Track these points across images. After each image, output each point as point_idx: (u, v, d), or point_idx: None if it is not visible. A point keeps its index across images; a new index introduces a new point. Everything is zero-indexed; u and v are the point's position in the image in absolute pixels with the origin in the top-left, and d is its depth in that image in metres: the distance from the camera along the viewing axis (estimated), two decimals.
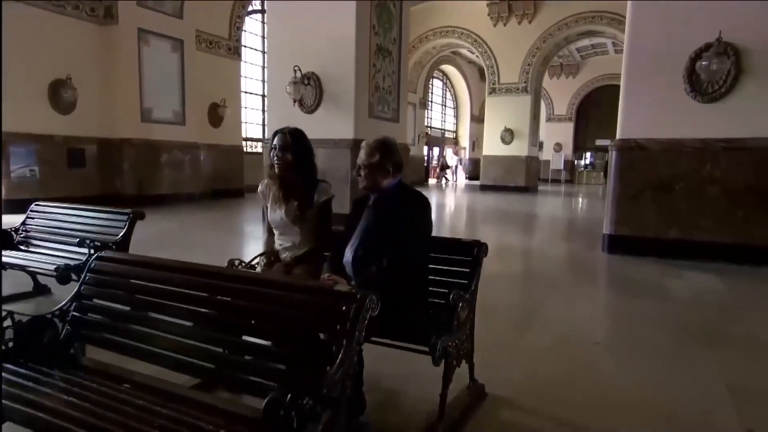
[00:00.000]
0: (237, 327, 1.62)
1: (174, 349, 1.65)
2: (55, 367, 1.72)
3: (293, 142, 2.51)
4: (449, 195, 17.92)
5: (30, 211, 3.91)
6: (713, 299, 4.21)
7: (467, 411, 2.19)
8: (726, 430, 2.17)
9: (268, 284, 1.62)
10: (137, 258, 1.91)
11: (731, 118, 5.65)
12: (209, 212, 10.06)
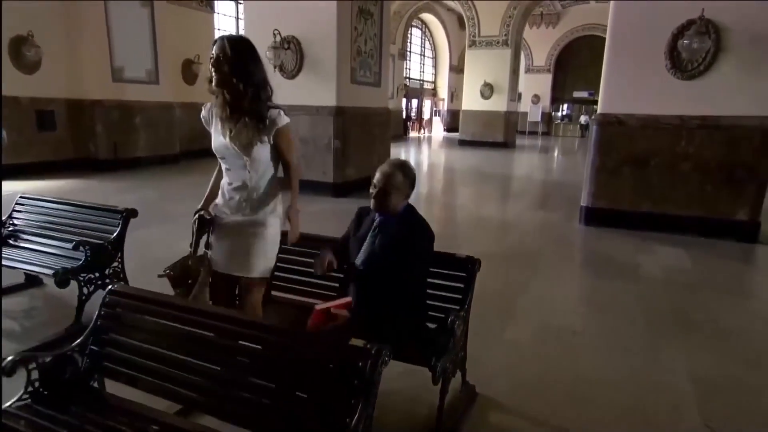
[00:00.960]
0: (250, 372, 1.72)
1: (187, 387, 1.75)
2: (77, 401, 1.82)
3: (232, 52, 2.08)
4: (426, 152, 17.85)
5: (16, 204, 3.84)
6: (681, 280, 4.47)
7: (461, 415, 2.38)
8: (688, 426, 2.42)
9: (284, 334, 1.72)
10: (149, 295, 1.96)
11: (708, 95, 5.78)
12: (188, 176, 9.92)
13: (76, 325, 3.15)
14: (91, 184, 8.62)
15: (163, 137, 11.13)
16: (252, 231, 2.23)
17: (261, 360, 1.71)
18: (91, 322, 3.22)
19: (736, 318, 3.66)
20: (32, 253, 3.49)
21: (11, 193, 7.37)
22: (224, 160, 2.27)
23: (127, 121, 10.20)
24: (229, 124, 2.15)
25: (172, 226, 5.92)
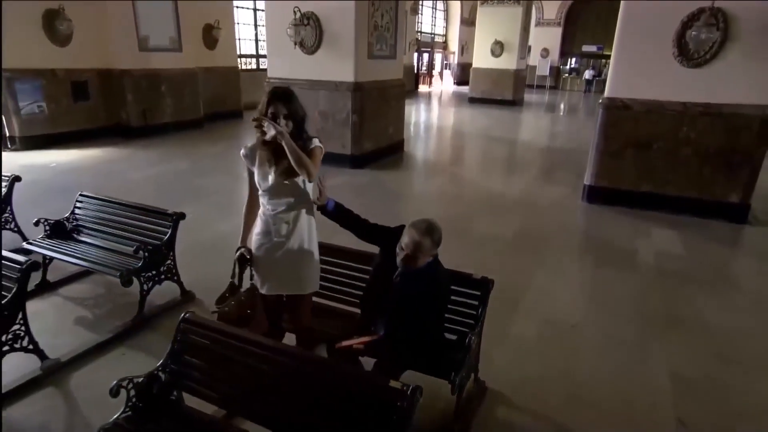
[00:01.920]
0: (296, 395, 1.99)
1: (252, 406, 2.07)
2: (163, 411, 2.14)
3: (286, 110, 2.27)
4: (436, 112, 17.63)
5: (77, 201, 4.07)
6: (673, 268, 4.67)
7: (474, 409, 2.70)
8: (663, 422, 2.72)
9: (336, 371, 1.99)
10: (214, 325, 2.22)
11: (712, 83, 5.76)
12: (212, 144, 10.06)
13: (139, 316, 3.49)
14: (125, 153, 8.81)
15: (188, 103, 11.17)
16: (299, 255, 2.44)
17: (309, 389, 1.98)
18: (150, 313, 3.58)
19: (718, 312, 3.88)
20: (94, 249, 3.77)
21: (54, 163, 7.70)
22: (269, 191, 2.37)
23: (154, 89, 10.24)
24: (275, 163, 2.32)
25: (205, 206, 6.11)
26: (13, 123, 8.27)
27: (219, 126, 12.13)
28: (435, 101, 21.82)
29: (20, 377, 2.81)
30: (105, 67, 9.52)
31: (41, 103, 8.57)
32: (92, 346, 3.17)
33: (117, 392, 2.04)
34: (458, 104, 19.66)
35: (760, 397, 2.95)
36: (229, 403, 2.27)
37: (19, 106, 8.26)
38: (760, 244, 5.50)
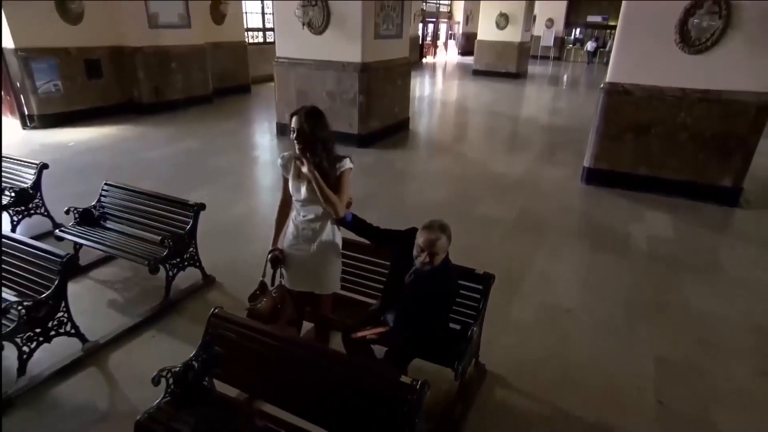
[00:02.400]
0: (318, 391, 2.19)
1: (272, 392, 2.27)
2: (197, 395, 2.36)
3: (308, 128, 2.38)
4: (440, 86, 17.42)
5: (102, 190, 4.21)
6: (663, 253, 4.82)
7: (475, 392, 2.92)
8: (645, 403, 2.93)
9: (350, 366, 2.18)
10: (240, 320, 2.40)
11: (711, 70, 5.76)
12: (222, 120, 10.10)
13: (165, 301, 3.69)
14: (138, 131, 8.87)
15: (197, 79, 11.13)
16: (323, 259, 2.59)
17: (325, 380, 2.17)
18: (175, 298, 3.77)
19: (702, 298, 4.05)
20: (121, 237, 3.94)
21: (72, 142, 7.80)
22: (301, 201, 2.52)
23: (164, 65, 10.19)
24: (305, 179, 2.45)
25: (220, 188, 6.23)
26: (31, 102, 8.33)
27: (228, 101, 12.12)
28: (439, 73, 21.54)
29: (65, 358, 3.03)
30: (116, 44, 9.47)
31: (57, 82, 8.59)
32: (125, 329, 3.38)
33: (158, 381, 2.25)
34: (462, 77, 19.42)
35: (733, 379, 3.15)
36: (252, 389, 2.49)
37: (36, 86, 8.29)
38: (747, 228, 5.61)
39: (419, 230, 2.43)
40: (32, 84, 8.24)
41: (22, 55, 7.98)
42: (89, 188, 5.88)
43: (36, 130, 8.44)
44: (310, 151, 2.40)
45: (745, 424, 2.82)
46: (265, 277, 2.67)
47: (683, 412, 2.87)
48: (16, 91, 8.16)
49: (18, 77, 8.09)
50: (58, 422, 2.64)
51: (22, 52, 7.99)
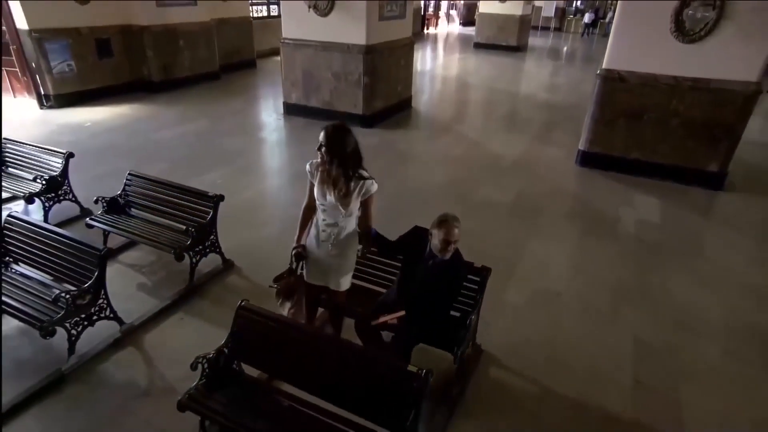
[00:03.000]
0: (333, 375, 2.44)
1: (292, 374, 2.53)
2: (228, 378, 2.61)
3: (332, 143, 2.54)
4: (441, 60, 17.16)
5: (127, 180, 4.37)
6: (649, 238, 5.02)
7: (471, 372, 3.18)
8: (623, 381, 3.20)
9: (363, 355, 2.42)
10: (264, 312, 2.62)
11: (703, 59, 5.81)
12: (230, 97, 10.12)
13: (190, 285, 3.93)
14: (150, 110, 8.93)
15: (205, 56, 11.06)
16: (339, 260, 2.80)
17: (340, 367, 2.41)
18: (198, 281, 4.00)
19: (681, 282, 4.28)
20: (146, 225, 4.14)
21: (88, 122, 7.89)
22: (324, 206, 2.68)
23: (172, 43, 10.12)
24: (336, 186, 2.60)
25: (231, 171, 6.36)
26: (46, 82, 8.36)
27: (235, 77, 12.07)
28: (441, 45, 21.18)
29: (106, 339, 3.29)
30: (125, 23, 9.40)
31: (70, 62, 8.59)
32: (156, 311, 3.63)
33: (196, 366, 2.50)
34: (463, 50, 19.11)
35: (704, 360, 3.42)
36: (274, 370, 2.75)
37: (51, 66, 8.30)
38: (729, 212, 5.78)
39: (436, 227, 2.61)
40: (47, 64, 8.25)
41: (36, 36, 7.96)
42: (108, 170, 6.08)
43: (52, 109, 8.51)
44: (335, 164, 2.56)
45: (712, 400, 3.09)
46: (293, 265, 2.89)
47: (656, 389, 3.14)
48: (32, 71, 8.18)
49: (33, 58, 8.10)
50: (107, 397, 2.91)
51: (36, 33, 7.96)
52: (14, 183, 4.87)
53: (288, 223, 5.05)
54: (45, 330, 2.86)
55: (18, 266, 3.57)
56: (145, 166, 6.28)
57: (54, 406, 2.84)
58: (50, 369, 3.03)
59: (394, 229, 3.01)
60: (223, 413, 2.43)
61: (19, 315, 2.98)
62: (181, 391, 2.79)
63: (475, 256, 3.05)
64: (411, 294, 2.75)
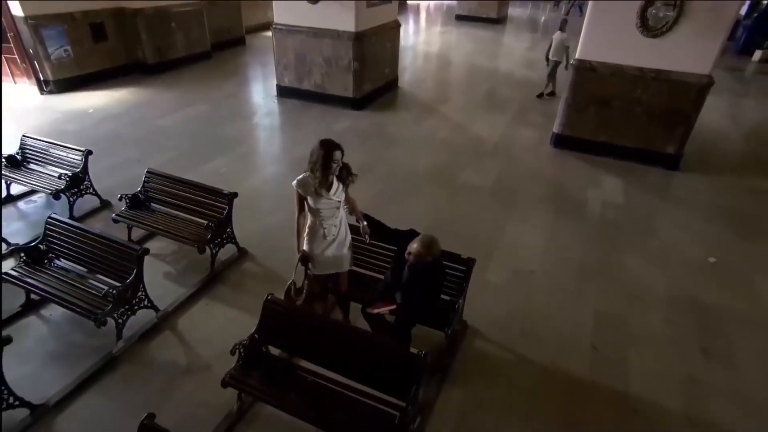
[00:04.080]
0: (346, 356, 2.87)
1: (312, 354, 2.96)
2: (260, 358, 3.03)
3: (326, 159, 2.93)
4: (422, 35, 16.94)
5: (145, 177, 4.60)
6: (612, 218, 5.48)
7: (459, 344, 3.66)
8: (582, 348, 3.72)
9: (375, 342, 2.85)
10: (284, 304, 3.02)
11: (664, 53, 6.14)
12: (224, 79, 10.10)
13: (212, 273, 4.28)
14: (148, 94, 8.92)
15: (196, 36, 10.91)
16: (342, 245, 3.23)
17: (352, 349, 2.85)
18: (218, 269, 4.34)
19: (636, 259, 4.78)
20: (168, 219, 4.44)
21: (91, 109, 7.92)
22: (322, 210, 3.05)
23: (165, 25, 9.97)
24: (330, 187, 3.02)
25: (233, 159, 6.58)
26: (45, 68, 8.28)
27: (226, 55, 11.95)
28: (423, 17, 20.84)
29: (145, 325, 3.67)
30: (117, 6, 9.22)
31: (67, 47, 8.48)
32: (185, 298, 3.99)
33: (234, 351, 2.91)
34: (445, 22, 18.91)
35: (648, 327, 3.95)
36: (295, 351, 3.17)
37: (48, 52, 8.20)
38: (681, 192, 6.25)
39: (418, 239, 2.99)
40: (44, 50, 8.15)
41: (32, 22, 7.83)
42: (119, 160, 6.26)
43: (52, 95, 8.47)
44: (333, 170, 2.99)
45: (651, 360, 3.63)
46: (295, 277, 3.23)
47: (609, 353, 3.67)
48: (30, 57, 8.08)
49: (30, 44, 7.99)
50: (155, 374, 3.32)
51: (32, 19, 7.83)
52: (37, 178, 5.07)
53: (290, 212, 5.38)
54: (99, 321, 3.23)
55: (60, 261, 3.87)
56: (153, 155, 6.51)
57: (111, 384, 3.24)
58: (102, 352, 3.42)
59: (387, 214, 3.48)
60: (259, 388, 2.87)
61: (75, 308, 3.32)
62: (215, 367, 3.25)
63: (460, 240, 3.48)
64: (403, 287, 3.14)
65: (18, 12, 7.70)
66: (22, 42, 7.87)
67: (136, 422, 2.23)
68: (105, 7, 9.02)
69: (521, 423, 3.12)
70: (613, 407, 3.26)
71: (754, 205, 6.00)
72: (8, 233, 4.66)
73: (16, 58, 7.84)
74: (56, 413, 3.00)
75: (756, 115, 9.54)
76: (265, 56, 12.12)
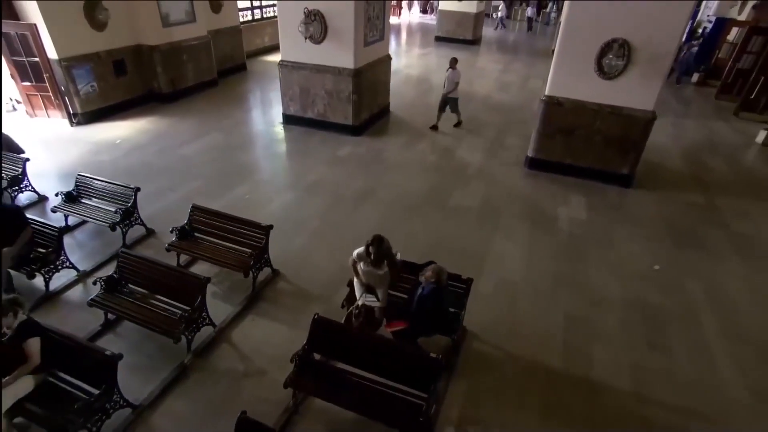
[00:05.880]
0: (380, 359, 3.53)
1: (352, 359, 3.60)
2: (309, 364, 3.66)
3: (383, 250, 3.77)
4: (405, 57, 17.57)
5: (191, 211, 5.15)
6: (578, 233, 6.24)
7: (460, 345, 4.34)
8: (556, 344, 4.43)
9: (399, 350, 3.51)
10: (329, 321, 3.66)
11: (617, 92, 6.95)
12: (233, 107, 10.58)
13: (253, 293, 4.86)
14: (166, 124, 9.34)
15: (204, 66, 11.34)
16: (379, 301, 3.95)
17: (382, 355, 3.51)
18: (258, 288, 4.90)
19: (596, 268, 5.54)
20: (214, 248, 5.00)
21: (118, 139, 8.35)
22: (371, 282, 3.98)
23: (177, 58, 10.40)
24: (377, 267, 3.82)
25: (254, 184, 7.14)
26: (75, 102, 8.66)
27: (230, 81, 12.41)
28: (404, 37, 21.51)
29: (206, 339, 4.25)
30: (136, 43, 9.63)
31: (93, 83, 8.87)
32: (234, 314, 4.58)
33: (293, 359, 3.53)
34: (425, 44, 19.61)
35: (606, 326, 4.69)
36: (335, 355, 3.80)
37: (78, 88, 8.59)
38: (633, 208, 7.05)
39: (431, 267, 3.68)
40: (75, 87, 8.53)
41: (64, 64, 8.22)
42: (153, 189, 6.73)
43: (80, 126, 8.85)
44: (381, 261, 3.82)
45: (608, 352, 4.37)
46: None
47: (577, 348, 4.41)
48: (62, 94, 8.46)
49: (63, 82, 8.37)
50: (221, 379, 3.91)
51: (65, 61, 8.22)
52: (91, 212, 5.55)
53: (311, 233, 6.01)
54: (177, 339, 3.81)
55: (131, 286, 4.41)
56: (182, 183, 7.02)
57: (188, 388, 3.83)
58: (174, 363, 3.99)
59: (393, 234, 4.15)
60: (313, 386, 3.50)
61: (154, 328, 3.90)
62: (271, 372, 3.87)
63: (455, 256, 4.17)
64: (412, 309, 3.82)
65: (53, 55, 8.08)
66: (56, 81, 8.24)
67: (215, 418, 2.91)
68: (125, 45, 9.42)
69: (512, 406, 3.82)
70: (581, 390, 3.99)
71: (689, 217, 6.86)
72: (74, 260, 5.12)
73: (50, 95, 8.20)
74: (151, 412, 3.59)
75: (693, 135, 10.48)
76: (265, 82, 12.63)
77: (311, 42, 8.42)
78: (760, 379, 4.21)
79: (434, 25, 20.44)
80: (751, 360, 4.40)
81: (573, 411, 3.81)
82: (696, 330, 4.73)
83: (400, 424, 3.25)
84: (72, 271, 4.93)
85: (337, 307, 4.50)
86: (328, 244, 5.76)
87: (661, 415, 3.82)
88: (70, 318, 4.40)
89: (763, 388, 4.11)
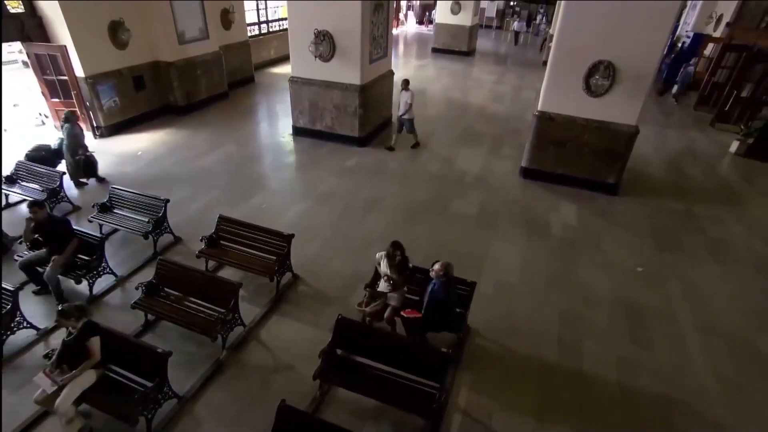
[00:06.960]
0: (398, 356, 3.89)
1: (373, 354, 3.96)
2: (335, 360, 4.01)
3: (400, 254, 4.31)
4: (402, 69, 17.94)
5: (218, 223, 5.50)
6: (569, 237, 6.63)
7: (465, 342, 4.70)
8: (550, 341, 4.81)
9: (413, 345, 3.87)
10: (351, 322, 4.00)
11: (604, 109, 7.35)
12: (244, 119, 10.92)
13: (277, 295, 5.20)
14: (182, 136, 9.64)
15: (216, 80, 11.66)
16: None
17: (399, 350, 3.87)
18: (281, 291, 5.23)
19: (587, 270, 5.93)
20: (241, 256, 5.33)
21: (140, 151, 8.67)
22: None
23: (192, 73, 10.71)
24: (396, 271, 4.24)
25: (269, 193, 7.46)
26: (98, 116, 8.98)
27: (239, 93, 12.72)
28: (401, 48, 21.88)
29: (238, 337, 4.59)
30: (153, 60, 9.95)
31: (116, 98, 9.19)
32: (261, 316, 4.92)
33: (320, 355, 3.88)
34: (422, 55, 20.00)
35: (596, 322, 5.07)
36: (356, 350, 4.15)
37: (102, 103, 8.90)
38: (620, 214, 7.46)
39: (439, 261, 4.09)
40: (99, 102, 8.85)
41: (90, 81, 8.53)
42: (177, 198, 7.00)
43: (103, 138, 9.15)
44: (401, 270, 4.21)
45: (598, 347, 4.76)
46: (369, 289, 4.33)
47: (570, 344, 4.79)
48: (87, 109, 8.76)
49: (88, 98, 8.68)
50: (253, 374, 4.26)
51: (90, 78, 8.53)
52: (126, 221, 5.88)
53: (325, 241, 6.34)
54: (214, 338, 4.16)
55: (166, 290, 4.74)
56: (203, 193, 7.35)
57: (224, 381, 4.17)
58: (210, 359, 4.33)
59: (400, 239, 4.45)
60: (338, 378, 3.86)
61: (194, 329, 4.24)
62: (297, 367, 4.21)
63: (457, 259, 4.51)
64: (425, 302, 4.20)
65: (80, 73, 8.39)
66: (82, 97, 8.54)
67: (250, 408, 3.29)
68: (144, 61, 9.74)
69: (511, 396, 4.19)
70: (572, 381, 4.37)
71: (669, 222, 7.27)
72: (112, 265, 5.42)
73: (77, 110, 8.50)
74: (194, 402, 3.93)
75: (673, 144, 10.91)
76: (272, 94, 12.96)
77: (320, 60, 8.77)
78: (728, 367, 4.61)
79: (431, 36, 20.84)
80: (721, 351, 4.80)
81: (566, 399, 4.18)
82: (674, 325, 5.13)
83: (416, 410, 3.61)
84: (111, 277, 5.26)
85: (353, 308, 4.88)
86: (341, 250, 6.11)
87: (643, 401, 4.20)
88: (113, 319, 4.72)
89: (730, 377, 4.51)
